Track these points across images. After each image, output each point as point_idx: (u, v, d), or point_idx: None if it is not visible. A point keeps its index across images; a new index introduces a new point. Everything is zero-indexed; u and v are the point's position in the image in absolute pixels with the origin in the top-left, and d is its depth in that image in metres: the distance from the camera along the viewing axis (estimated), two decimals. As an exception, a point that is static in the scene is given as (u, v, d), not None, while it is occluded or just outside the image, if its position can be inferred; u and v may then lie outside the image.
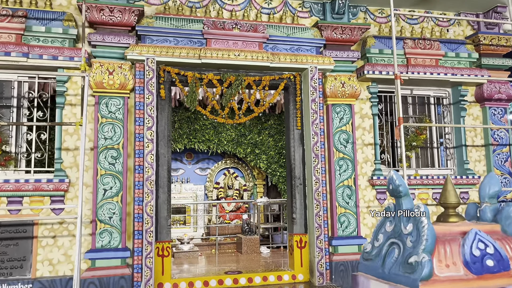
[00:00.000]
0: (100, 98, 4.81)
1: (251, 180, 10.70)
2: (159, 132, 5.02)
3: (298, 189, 5.37)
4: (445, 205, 1.62)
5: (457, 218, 1.58)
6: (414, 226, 1.41)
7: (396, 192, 1.57)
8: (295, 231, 5.33)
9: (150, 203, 4.71)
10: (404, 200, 1.54)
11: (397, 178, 1.52)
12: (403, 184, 1.52)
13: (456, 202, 1.58)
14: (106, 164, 4.74)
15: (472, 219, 1.69)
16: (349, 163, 5.43)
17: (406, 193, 1.53)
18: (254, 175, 10.70)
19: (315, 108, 5.31)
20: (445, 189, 1.61)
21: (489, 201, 1.62)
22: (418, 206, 1.45)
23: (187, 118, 9.43)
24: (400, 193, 1.55)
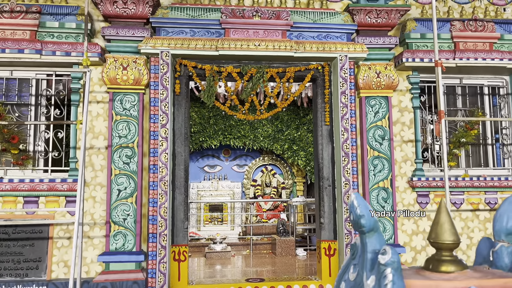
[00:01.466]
0: (115, 95, 4.67)
1: (290, 177, 10.37)
2: (176, 129, 4.80)
3: (326, 191, 4.95)
4: (436, 245, 1.14)
5: (453, 266, 1.09)
6: (376, 280, 0.98)
7: (357, 225, 1.15)
8: (323, 237, 4.92)
9: (164, 204, 4.50)
10: (368, 237, 1.10)
11: (358, 205, 1.09)
12: (366, 214, 1.09)
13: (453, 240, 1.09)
14: (120, 164, 4.59)
15: (484, 263, 1.19)
16: (385, 162, 4.93)
17: (371, 228, 1.10)
18: (293, 172, 10.37)
19: (345, 101, 4.86)
20: (436, 220, 1.13)
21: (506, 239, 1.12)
22: (384, 251, 1.01)
23: (222, 114, 9.23)
24: (362, 227, 1.13)
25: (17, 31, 4.52)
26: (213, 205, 10.12)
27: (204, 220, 9.93)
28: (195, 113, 9.22)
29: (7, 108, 4.77)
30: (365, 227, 1.12)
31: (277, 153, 9.81)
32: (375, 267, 1.00)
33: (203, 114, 9.29)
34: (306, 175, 10.28)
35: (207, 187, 10.23)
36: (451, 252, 1.12)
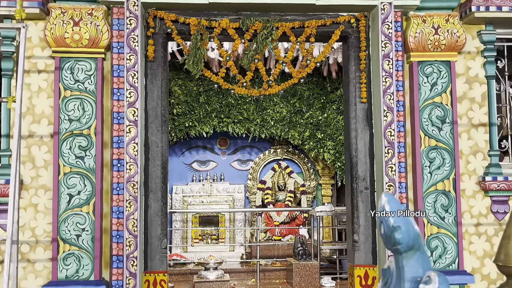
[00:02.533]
0: (63, 61, 4.69)
1: (312, 178, 10.39)
2: (149, 110, 4.83)
3: (362, 197, 4.98)
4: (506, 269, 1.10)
5: None
6: None
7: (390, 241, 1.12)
8: (358, 261, 4.94)
9: (133, 215, 4.53)
10: (406, 259, 1.06)
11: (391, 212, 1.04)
12: (403, 225, 1.05)
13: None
14: (71, 158, 4.62)
15: None
16: (446, 155, 4.94)
17: (410, 245, 1.05)
18: (317, 170, 10.40)
19: (389, 69, 4.85)
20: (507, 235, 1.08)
21: None
22: (429, 279, 0.96)
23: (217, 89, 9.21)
24: (397, 244, 1.09)
25: None
26: (206, 217, 10.17)
27: (192, 237, 10.00)
28: (178, 87, 9.23)
29: None
30: (401, 244, 1.09)
31: (295, 143, 9.81)
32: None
33: (189, 89, 9.29)
34: (335, 175, 10.29)
35: (196, 191, 10.26)
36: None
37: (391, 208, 1.13)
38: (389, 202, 1.14)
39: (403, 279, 1.08)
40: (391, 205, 1.14)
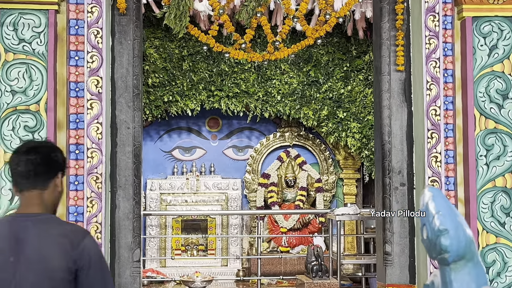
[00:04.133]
0: (3, 14, 4.71)
1: (331, 171, 10.45)
2: (117, 79, 4.88)
3: (396, 195, 5.04)
4: None
5: None
6: None
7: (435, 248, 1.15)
8: (390, 279, 5.02)
9: (96, 218, 4.60)
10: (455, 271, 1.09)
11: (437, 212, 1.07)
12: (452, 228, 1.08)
13: None
14: (15, 142, 4.64)
15: None
16: (509, 141, 4.99)
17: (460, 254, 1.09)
18: (338, 161, 10.45)
19: (435, 27, 4.92)
20: None
21: None
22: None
23: (206, 52, 9.25)
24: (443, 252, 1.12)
25: None
26: (190, 221, 10.26)
27: (173, 247, 10.08)
28: (154, 49, 9.26)
29: None
30: (449, 253, 1.13)
31: (308, 125, 9.87)
32: None
33: (170, 52, 9.31)
34: (361, 167, 10.35)
35: (178, 187, 10.33)
36: None
37: (437, 207, 1.17)
38: (435, 199, 1.17)
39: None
40: (437, 203, 1.18)
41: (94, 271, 2.54)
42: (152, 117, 9.56)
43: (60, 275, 2.47)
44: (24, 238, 2.50)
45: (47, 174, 2.61)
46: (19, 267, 2.47)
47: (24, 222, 2.52)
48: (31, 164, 2.55)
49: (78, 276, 2.50)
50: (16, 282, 2.47)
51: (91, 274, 2.53)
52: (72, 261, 2.47)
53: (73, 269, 2.47)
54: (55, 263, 2.47)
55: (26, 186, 2.57)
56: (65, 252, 2.47)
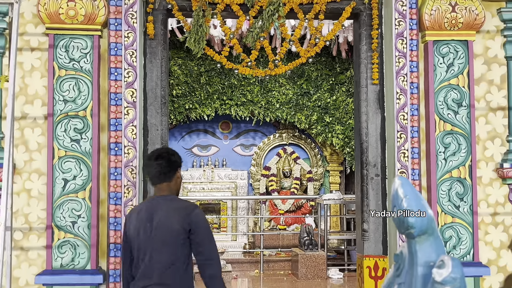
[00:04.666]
0: (57, 39, 4.68)
1: (320, 164, 10.45)
2: (148, 91, 4.85)
3: (372, 184, 5.01)
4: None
5: None
6: None
7: (403, 225, 1.15)
8: (367, 252, 4.98)
9: (132, 202, 4.58)
10: (419, 244, 1.09)
11: (405, 196, 1.07)
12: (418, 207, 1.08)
13: None
14: (67, 141, 4.63)
15: None
16: (462, 140, 4.93)
17: (423, 230, 1.08)
18: (325, 156, 10.46)
19: (403, 49, 4.86)
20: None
21: None
22: (442, 263, 0.99)
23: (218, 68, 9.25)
24: (410, 228, 1.12)
25: None
26: (206, 204, 10.26)
27: (192, 226, 10.08)
28: (178, 67, 9.25)
29: None
30: (414, 228, 1.13)
31: (301, 127, 9.86)
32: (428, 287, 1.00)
33: (190, 68, 9.31)
34: (344, 161, 10.34)
35: (196, 177, 10.34)
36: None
37: (404, 192, 1.16)
38: (403, 186, 1.17)
39: (416, 263, 1.11)
40: (404, 189, 1.17)
41: (201, 232, 3.06)
42: (176, 121, 9.57)
43: (177, 232, 3.02)
44: (157, 210, 3.12)
45: (170, 172, 3.27)
46: (153, 228, 3.08)
47: (157, 200, 3.19)
48: (160, 168, 3.19)
49: (190, 234, 3.02)
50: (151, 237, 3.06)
51: (199, 234, 3.05)
52: (186, 224, 3.04)
53: (186, 229, 3.02)
54: (175, 225, 3.04)
55: (158, 182, 3.22)
56: (182, 218, 3.06)
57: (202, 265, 3.09)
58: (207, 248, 3.08)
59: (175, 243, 3.06)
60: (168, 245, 3.07)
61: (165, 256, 3.07)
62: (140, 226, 3.16)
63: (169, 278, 3.06)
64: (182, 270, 3.08)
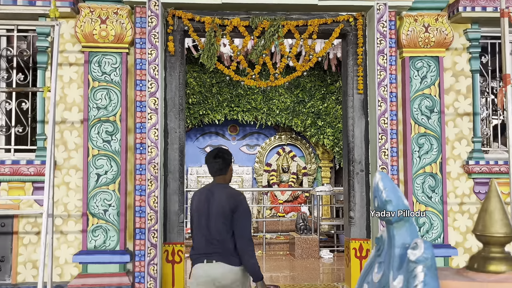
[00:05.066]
0: (91, 55, 4.69)
1: (313, 161, 10.40)
2: (168, 99, 4.84)
3: (357, 178, 4.97)
4: (483, 238, 1.13)
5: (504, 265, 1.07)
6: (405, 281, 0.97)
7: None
8: (353, 235, 4.95)
9: (154, 193, 4.56)
10: (397, 229, 1.08)
11: (385, 188, 1.06)
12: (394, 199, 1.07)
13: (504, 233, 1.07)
14: (99, 142, 4.66)
15: None
16: (434, 141, 4.91)
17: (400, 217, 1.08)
18: (317, 154, 10.40)
19: (384, 64, 4.81)
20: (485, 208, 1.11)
21: None
22: (416, 245, 0.99)
23: (227, 80, 9.24)
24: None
25: (-32, -25, 4.54)
26: (217, 195, 10.22)
27: (205, 213, 10.06)
28: (193, 79, 9.24)
29: (-41, 72, 4.84)
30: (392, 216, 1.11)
31: (298, 130, 9.81)
32: (403, 265, 0.99)
33: (203, 80, 9.30)
34: (334, 158, 10.30)
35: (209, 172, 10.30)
36: (502, 247, 1.12)
37: (384, 185, 1.15)
38: (383, 180, 1.15)
39: (394, 245, 1.10)
40: (384, 182, 1.16)
41: (240, 214, 3.33)
42: (191, 125, 9.55)
43: (227, 210, 3.31)
44: (214, 194, 3.41)
45: (225, 168, 3.48)
46: (210, 206, 3.37)
47: (215, 187, 3.47)
48: (217, 165, 3.43)
49: (233, 213, 3.32)
50: (209, 212, 3.36)
51: (238, 214, 3.33)
52: (232, 205, 3.34)
53: (232, 209, 3.31)
54: (225, 204, 3.33)
55: (217, 175, 3.46)
56: (230, 200, 3.36)
57: (236, 240, 3.34)
58: (241, 227, 3.36)
59: (224, 218, 3.35)
60: (220, 218, 3.37)
61: (218, 225, 3.38)
62: (200, 205, 3.48)
63: (223, 245, 3.37)
64: (229, 237, 3.36)
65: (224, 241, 3.38)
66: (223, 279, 3.33)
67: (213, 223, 3.41)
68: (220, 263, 3.35)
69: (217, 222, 3.40)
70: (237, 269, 3.35)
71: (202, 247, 3.46)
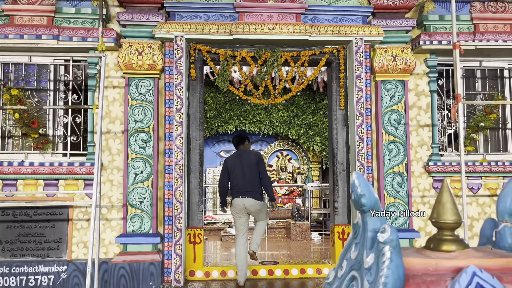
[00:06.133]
0: (130, 80, 4.71)
1: (305, 163, 10.38)
2: (191, 114, 4.85)
3: (340, 176, 4.94)
4: (437, 224, 1.14)
5: (454, 246, 1.08)
6: (375, 258, 0.98)
7: (358, 204, 1.14)
8: (337, 222, 4.93)
9: (180, 188, 4.57)
10: (369, 217, 1.10)
11: (359, 184, 1.07)
12: (368, 193, 1.08)
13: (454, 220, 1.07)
14: (136, 148, 4.66)
15: (487, 243, 1.17)
16: (401, 147, 4.87)
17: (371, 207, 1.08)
18: (309, 157, 10.38)
19: (361, 86, 4.79)
20: (438, 200, 1.12)
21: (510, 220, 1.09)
22: (384, 229, 1.00)
23: (238, 99, 9.26)
24: (362, 206, 1.11)
25: (34, 17, 4.59)
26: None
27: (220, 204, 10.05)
28: (210, 98, 9.26)
29: (27, 93, 4.87)
30: (365, 206, 1.12)
31: (293, 138, 9.82)
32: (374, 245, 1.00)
33: (218, 99, 9.33)
34: (321, 160, 10.28)
35: (223, 171, 10.30)
36: (452, 231, 1.12)
37: (359, 182, 1.15)
38: (358, 178, 1.16)
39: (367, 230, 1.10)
40: (359, 180, 1.16)
41: (263, 163, 4.56)
42: (209, 134, 9.56)
43: (254, 162, 4.36)
44: (242, 154, 4.47)
45: (244, 141, 4.67)
46: (242, 162, 4.46)
47: (241, 151, 4.61)
48: (239, 140, 4.60)
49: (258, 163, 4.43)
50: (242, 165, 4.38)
51: (262, 163, 4.53)
52: (256, 159, 4.47)
53: (257, 160, 4.45)
54: (252, 159, 4.37)
55: (239, 145, 4.57)
56: (254, 157, 4.49)
57: (262, 178, 4.55)
58: (264, 170, 4.51)
59: (253, 169, 4.30)
60: (250, 170, 4.30)
61: (250, 175, 4.32)
62: (235, 162, 4.48)
63: (253, 186, 4.43)
64: (258, 182, 4.43)
65: (254, 182, 4.45)
66: (251, 207, 4.58)
67: (246, 172, 4.45)
68: (250, 198, 4.53)
69: (249, 170, 4.44)
70: (260, 202, 4.59)
71: (239, 188, 4.54)
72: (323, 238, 8.08)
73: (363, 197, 1.09)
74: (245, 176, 4.47)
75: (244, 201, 4.55)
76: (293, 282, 4.67)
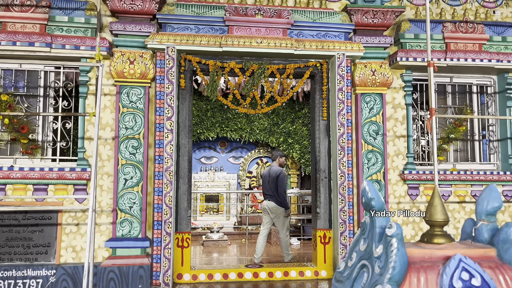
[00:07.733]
0: (121, 88, 4.81)
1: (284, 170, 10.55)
2: (180, 122, 4.98)
3: (322, 183, 5.16)
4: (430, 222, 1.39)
5: (443, 239, 1.33)
6: (384, 249, 1.20)
7: (368, 206, 1.37)
8: (319, 226, 5.14)
9: (169, 193, 4.69)
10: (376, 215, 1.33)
11: (369, 190, 1.30)
12: (376, 197, 1.31)
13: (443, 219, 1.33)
14: (127, 154, 4.75)
15: (468, 238, 1.44)
16: (379, 156, 5.14)
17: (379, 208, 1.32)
18: (288, 165, 10.55)
19: (342, 98, 5.05)
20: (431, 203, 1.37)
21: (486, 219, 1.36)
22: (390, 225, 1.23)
23: (219, 107, 9.40)
24: (372, 207, 1.34)
25: (27, 25, 4.65)
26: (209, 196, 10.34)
27: (200, 210, 10.14)
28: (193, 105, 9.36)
29: (16, 99, 4.91)
30: (375, 208, 1.33)
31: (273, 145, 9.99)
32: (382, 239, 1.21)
33: (200, 106, 9.44)
34: (300, 168, 10.50)
35: (203, 178, 10.41)
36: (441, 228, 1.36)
37: (369, 188, 1.37)
38: (368, 185, 1.38)
39: (375, 227, 1.31)
40: (369, 187, 1.38)
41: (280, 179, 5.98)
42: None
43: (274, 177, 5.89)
44: (270, 169, 5.99)
45: (274, 160, 6.16)
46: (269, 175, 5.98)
47: (271, 167, 6.13)
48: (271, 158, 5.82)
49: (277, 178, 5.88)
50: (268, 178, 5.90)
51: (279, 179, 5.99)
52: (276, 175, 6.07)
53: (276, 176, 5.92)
54: (272, 174, 5.93)
55: (272, 162, 6.01)
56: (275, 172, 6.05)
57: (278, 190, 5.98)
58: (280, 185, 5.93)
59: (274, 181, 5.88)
60: (272, 181, 5.89)
61: (271, 184, 5.93)
62: (265, 175, 6.09)
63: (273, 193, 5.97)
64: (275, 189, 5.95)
65: (274, 190, 5.92)
66: (272, 209, 6.03)
67: (270, 183, 5.94)
68: (272, 202, 6.00)
69: (271, 183, 5.92)
70: (278, 206, 5.99)
71: (266, 193, 6.04)
72: (301, 243, 8.29)
73: (373, 200, 1.31)
74: (270, 185, 6.00)
75: (267, 203, 6.09)
76: (277, 284, 4.87)
